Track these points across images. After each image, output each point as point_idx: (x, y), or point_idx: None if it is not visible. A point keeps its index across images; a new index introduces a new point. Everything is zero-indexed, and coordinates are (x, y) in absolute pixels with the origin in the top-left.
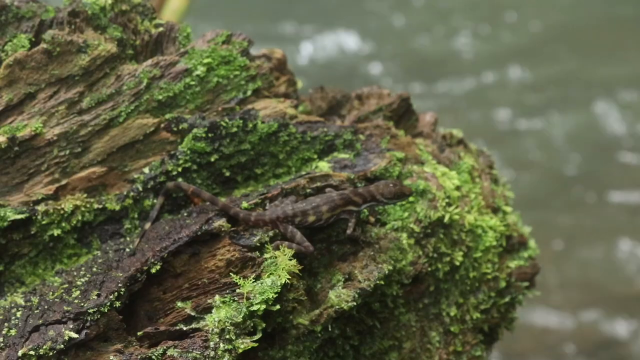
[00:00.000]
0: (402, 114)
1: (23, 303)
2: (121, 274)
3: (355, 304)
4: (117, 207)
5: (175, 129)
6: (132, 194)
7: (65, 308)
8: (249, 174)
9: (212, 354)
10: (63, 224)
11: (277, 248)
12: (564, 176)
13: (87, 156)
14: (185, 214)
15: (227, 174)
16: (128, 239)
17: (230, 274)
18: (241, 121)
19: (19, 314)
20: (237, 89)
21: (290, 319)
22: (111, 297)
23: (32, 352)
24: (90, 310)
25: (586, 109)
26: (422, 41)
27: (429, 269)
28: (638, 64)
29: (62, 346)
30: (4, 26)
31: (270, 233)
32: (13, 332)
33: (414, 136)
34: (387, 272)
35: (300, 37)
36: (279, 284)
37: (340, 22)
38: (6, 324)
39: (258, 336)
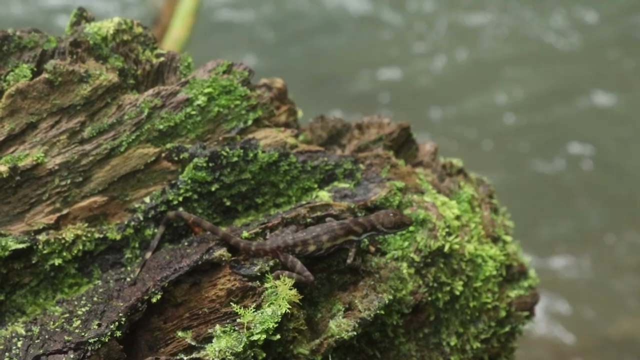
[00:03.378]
0: (402, 143)
1: (24, 332)
2: (122, 304)
3: (355, 333)
4: (118, 237)
5: (176, 158)
6: (133, 223)
7: (66, 338)
8: (250, 203)
9: None
10: (64, 254)
11: (277, 277)
12: None
13: (89, 185)
14: (186, 244)
15: (228, 203)
16: (129, 268)
17: (231, 303)
18: (242, 151)
19: (19, 344)
20: (238, 118)
21: (290, 349)
22: (112, 326)
23: None
24: (91, 340)
25: None
26: None
27: (429, 298)
28: None
29: None
30: (6, 56)
31: (271, 262)
32: None
33: (414, 165)
34: (387, 301)
35: None
36: (280, 314)
37: None
38: (7, 354)
39: None
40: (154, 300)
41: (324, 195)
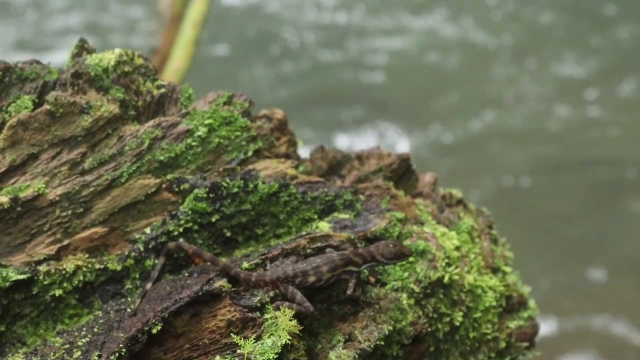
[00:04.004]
0: (402, 174)
1: None
2: (122, 335)
3: None
4: (119, 267)
5: (176, 189)
6: (133, 254)
7: None
8: (250, 234)
9: None
10: (64, 284)
11: (277, 308)
12: None
13: (89, 216)
14: (186, 274)
15: (228, 234)
16: (129, 299)
17: (231, 334)
18: (242, 182)
19: None
20: (238, 149)
21: None
22: (112, 357)
23: None
24: None
25: None
26: None
27: (429, 329)
28: None
29: None
30: (8, 87)
31: (271, 293)
32: None
33: (414, 196)
34: (387, 332)
35: None
36: (280, 345)
37: None
38: None
39: None
40: (154, 331)
41: (324, 226)
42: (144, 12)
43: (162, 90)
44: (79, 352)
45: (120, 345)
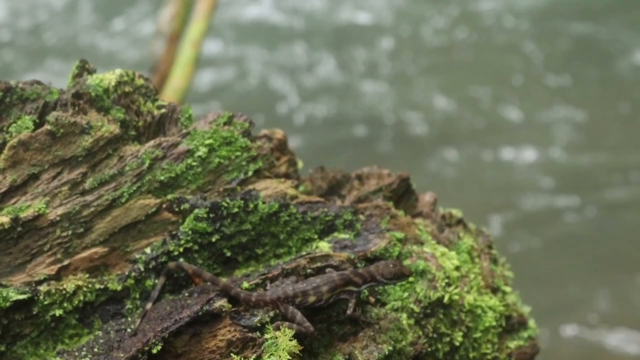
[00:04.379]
0: (402, 194)
1: None
2: (122, 355)
3: None
4: (119, 287)
5: (177, 209)
6: (133, 274)
7: None
8: (250, 254)
9: None
10: (65, 304)
11: (277, 328)
12: None
13: (90, 236)
14: (186, 294)
15: (228, 254)
16: (129, 319)
17: (231, 354)
18: (242, 202)
19: None
20: (239, 169)
21: None
22: None
23: None
24: None
25: None
26: None
27: (429, 349)
28: None
29: None
30: (9, 108)
31: (271, 313)
32: None
33: (414, 216)
34: (387, 352)
35: None
36: None
37: None
38: None
39: None
40: (154, 351)
41: (324, 246)
42: (145, 30)
43: (163, 110)
44: None
45: None
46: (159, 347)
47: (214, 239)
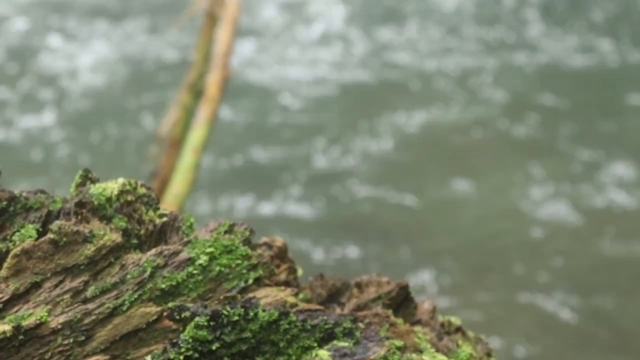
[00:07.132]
0: (401, 302)
1: None
2: None
3: None
4: None
5: (177, 317)
6: None
7: None
8: None
9: None
10: None
11: None
12: None
13: (91, 344)
14: None
15: None
16: None
17: None
18: (242, 310)
19: None
20: (239, 277)
21: None
22: None
23: None
24: None
25: None
26: None
27: None
28: None
29: None
30: (12, 217)
31: None
32: None
33: (413, 324)
34: None
35: None
36: None
37: None
38: None
39: None
40: None
41: (323, 354)
42: (145, 136)
43: (164, 219)
44: None
45: None
46: None
47: (214, 347)
